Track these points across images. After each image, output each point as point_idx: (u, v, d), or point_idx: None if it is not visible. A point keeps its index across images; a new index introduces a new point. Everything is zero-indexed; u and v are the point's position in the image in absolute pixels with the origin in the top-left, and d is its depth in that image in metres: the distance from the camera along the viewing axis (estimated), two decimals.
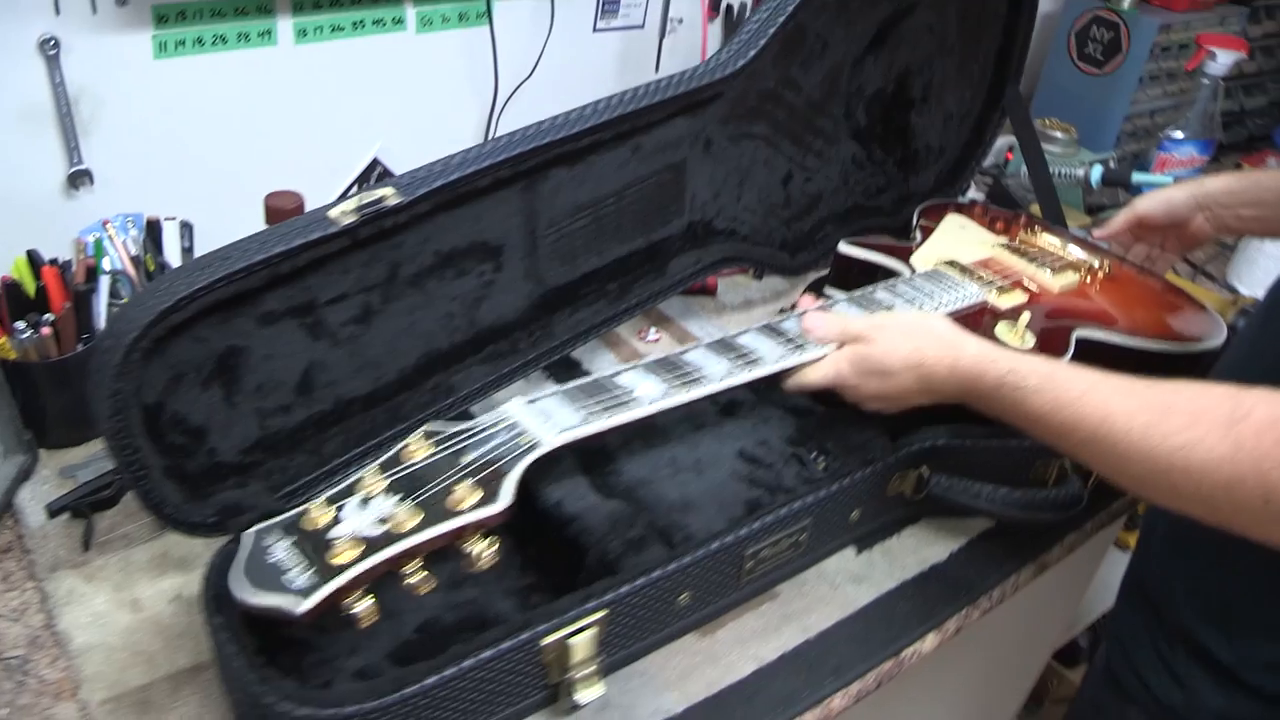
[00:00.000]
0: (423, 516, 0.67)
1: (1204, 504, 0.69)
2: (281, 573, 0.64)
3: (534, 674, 0.79)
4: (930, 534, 1.04)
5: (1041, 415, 0.79)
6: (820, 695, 0.87)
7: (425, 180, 0.82)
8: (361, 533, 0.66)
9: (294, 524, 0.68)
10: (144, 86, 1.03)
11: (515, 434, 0.77)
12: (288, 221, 0.78)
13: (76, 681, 0.81)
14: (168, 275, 0.74)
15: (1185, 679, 0.91)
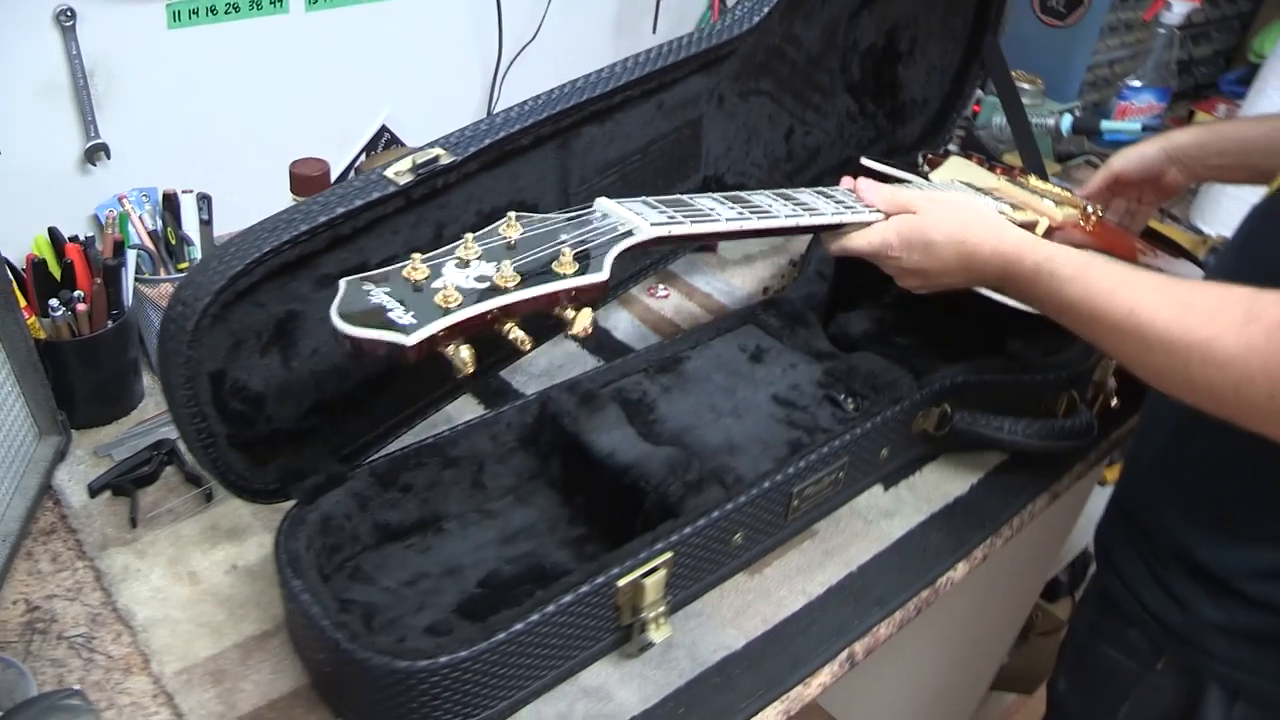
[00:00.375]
0: (522, 278, 0.65)
1: (1215, 397, 0.72)
2: (386, 311, 0.62)
3: (608, 617, 0.81)
4: (950, 469, 1.09)
5: (1073, 303, 0.82)
6: (869, 624, 0.91)
7: (474, 139, 0.83)
8: (463, 286, 0.64)
9: (391, 276, 0.65)
10: (158, 57, 1.02)
11: (610, 221, 0.75)
12: (343, 184, 0.78)
13: (145, 655, 0.81)
14: (232, 241, 0.74)
15: (1181, 596, 0.95)
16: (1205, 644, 0.94)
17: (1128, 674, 1.04)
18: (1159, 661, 0.99)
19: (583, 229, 0.73)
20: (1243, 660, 0.93)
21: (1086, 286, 0.81)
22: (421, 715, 0.74)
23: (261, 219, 0.76)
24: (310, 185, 0.99)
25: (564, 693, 0.82)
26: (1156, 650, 0.99)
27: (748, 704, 0.82)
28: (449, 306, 0.62)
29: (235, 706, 0.78)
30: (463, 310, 0.62)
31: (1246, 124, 1.13)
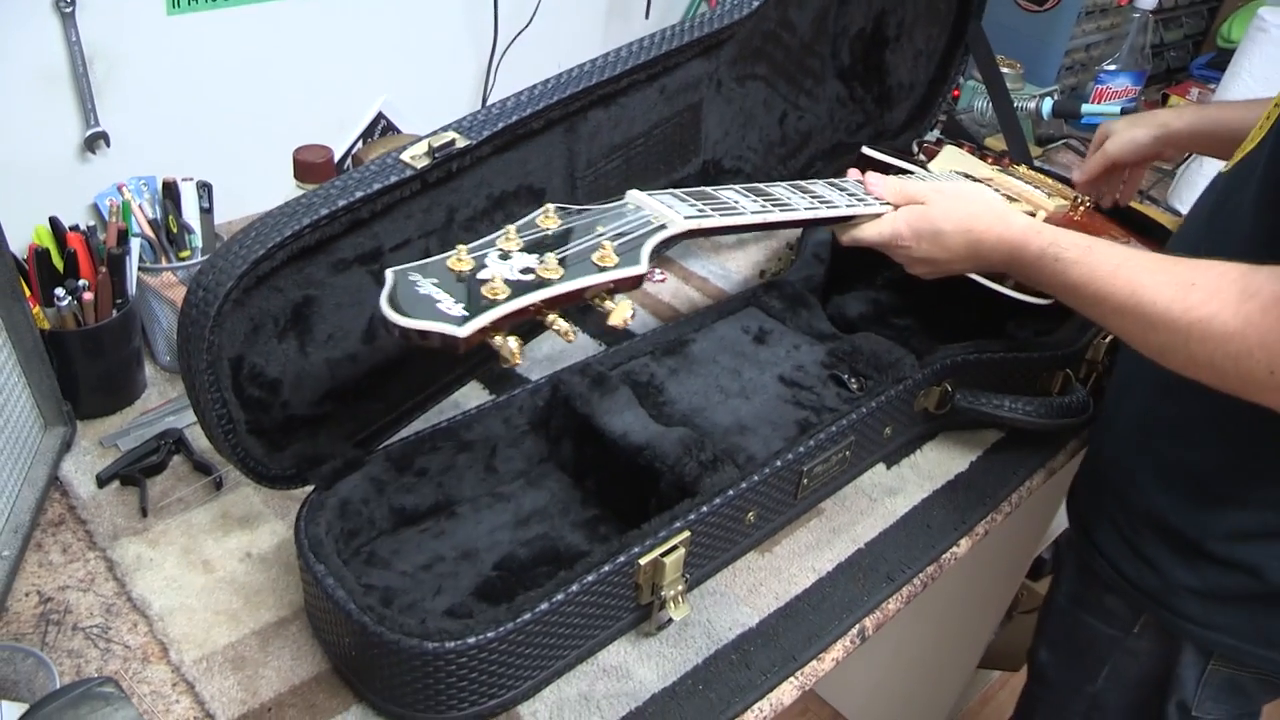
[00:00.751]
0: (565, 270, 0.66)
1: (1216, 372, 0.75)
2: (435, 302, 0.62)
3: (628, 596, 0.82)
4: (949, 447, 1.10)
5: (1078, 285, 0.85)
6: (878, 599, 0.93)
7: (486, 122, 0.83)
8: (509, 277, 0.65)
9: (435, 267, 0.66)
10: (158, 44, 1.01)
11: (644, 215, 0.76)
12: (359, 169, 0.78)
13: (163, 644, 0.81)
14: (252, 226, 0.74)
15: (1155, 560, 0.98)
16: (1179, 606, 0.98)
17: (1106, 640, 1.07)
18: (1136, 625, 1.03)
19: (618, 221, 0.74)
20: (1215, 621, 0.96)
21: (1091, 269, 0.84)
22: (447, 696, 0.74)
23: (272, 206, 0.76)
24: (314, 172, 0.99)
25: (584, 672, 0.82)
26: (1134, 614, 1.02)
27: (765, 680, 0.84)
28: (497, 298, 0.62)
29: (257, 693, 0.78)
30: (512, 301, 0.63)
31: (1240, 109, 1.15)
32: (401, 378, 0.91)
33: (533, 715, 0.79)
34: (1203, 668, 1.00)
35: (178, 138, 1.07)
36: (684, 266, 1.33)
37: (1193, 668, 1.00)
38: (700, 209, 0.80)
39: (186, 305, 0.73)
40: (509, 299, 0.63)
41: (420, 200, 0.84)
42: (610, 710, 0.80)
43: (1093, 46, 1.86)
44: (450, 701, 0.75)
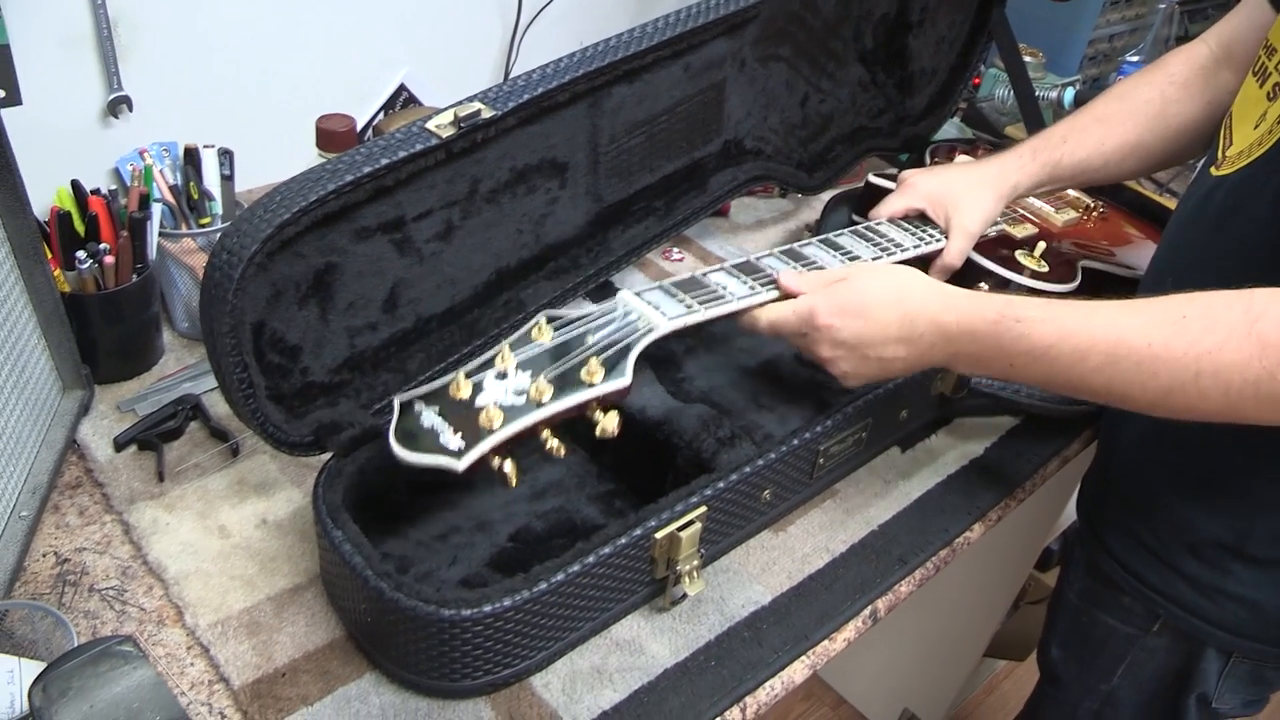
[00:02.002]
0: (555, 389, 0.71)
1: (1230, 404, 0.70)
2: (437, 435, 0.69)
3: (643, 570, 0.82)
4: (964, 433, 1.10)
5: (1049, 346, 0.75)
6: (891, 582, 0.93)
7: (512, 93, 0.83)
8: (503, 402, 0.70)
9: (438, 394, 0.72)
10: (182, 9, 1.01)
11: (631, 319, 0.80)
12: (384, 137, 0.78)
13: (179, 607, 0.81)
14: (277, 190, 0.74)
15: (1174, 563, 0.97)
16: (1200, 609, 0.96)
17: (1123, 638, 1.06)
18: (1155, 625, 1.02)
19: (608, 328, 0.78)
20: (1237, 623, 0.95)
21: (1061, 325, 0.75)
22: (461, 665, 0.74)
23: (295, 173, 0.76)
24: (336, 141, 0.99)
25: (598, 645, 0.83)
26: (1152, 615, 1.01)
27: (776, 657, 0.84)
28: (492, 427, 0.69)
29: (271, 658, 0.79)
30: (505, 429, 0.69)
31: (1079, 147, 1.08)
32: (419, 349, 0.91)
33: (545, 686, 0.79)
34: (1225, 662, 0.99)
35: (200, 104, 1.07)
36: (702, 246, 1.32)
37: (1215, 662, 0.99)
38: (688, 305, 0.84)
39: (210, 268, 0.73)
40: (503, 426, 0.69)
41: (444, 170, 0.83)
42: (622, 683, 0.80)
43: (1116, 37, 1.85)
44: (464, 670, 0.75)
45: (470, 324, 0.94)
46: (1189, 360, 0.70)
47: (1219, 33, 1.06)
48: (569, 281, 1.01)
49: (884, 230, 1.05)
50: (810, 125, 1.26)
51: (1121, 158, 1.06)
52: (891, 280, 0.83)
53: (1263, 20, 0.98)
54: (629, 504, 0.92)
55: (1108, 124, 1.06)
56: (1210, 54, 1.05)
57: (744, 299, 0.87)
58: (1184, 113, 1.05)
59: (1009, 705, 2.14)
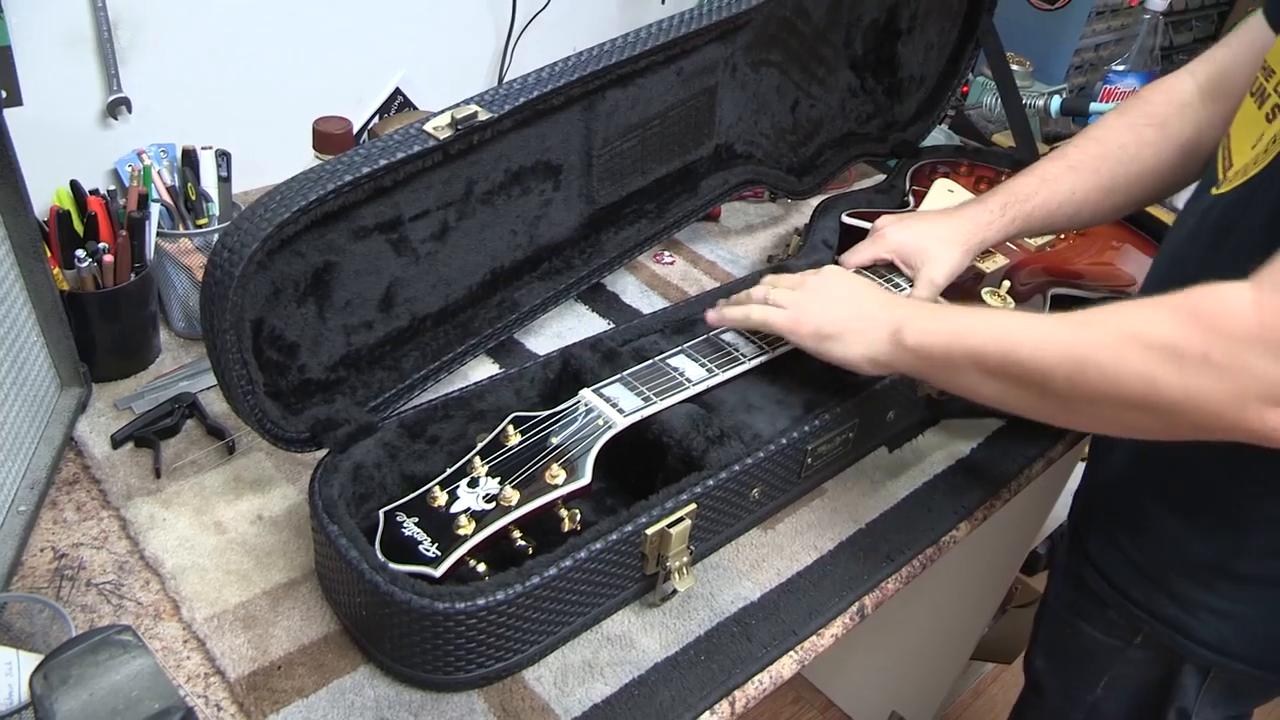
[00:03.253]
0: (522, 494, 0.79)
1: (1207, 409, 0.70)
2: (417, 544, 0.76)
3: (634, 565, 0.83)
4: (950, 434, 1.12)
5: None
6: (878, 579, 0.94)
7: (508, 96, 0.84)
8: (474, 509, 0.78)
9: (417, 504, 0.79)
10: (182, 12, 1.02)
11: (591, 417, 0.87)
12: (383, 138, 0.79)
13: (175, 601, 0.82)
14: (277, 189, 0.75)
15: (1159, 579, 0.97)
16: (1182, 625, 0.97)
17: (1106, 650, 1.07)
18: (1137, 637, 1.02)
19: (571, 427, 0.85)
20: (1220, 640, 0.95)
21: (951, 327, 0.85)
22: (455, 658, 0.76)
23: (292, 175, 0.77)
24: (333, 143, 1.00)
25: (589, 640, 0.84)
26: (1134, 628, 1.02)
27: (765, 652, 0.85)
28: (466, 534, 0.76)
29: (267, 651, 0.80)
30: (476, 536, 0.76)
31: (1050, 199, 1.08)
32: (414, 347, 0.92)
33: (537, 680, 0.80)
34: (1203, 677, 1.00)
35: (198, 106, 1.08)
36: (693, 250, 1.34)
37: (1194, 676, 1.00)
38: (646, 397, 0.90)
39: (211, 266, 0.74)
40: (475, 533, 0.76)
41: (441, 171, 0.85)
42: (613, 677, 0.81)
43: (1102, 46, 1.88)
44: (458, 663, 0.76)
45: (464, 323, 0.95)
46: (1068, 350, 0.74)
47: (1206, 68, 1.05)
48: (562, 283, 1.02)
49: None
50: (800, 130, 1.28)
51: (1094, 205, 1.07)
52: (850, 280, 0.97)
53: (1259, 42, 0.98)
54: (620, 502, 0.93)
55: (1079, 172, 1.07)
56: (1195, 89, 1.04)
57: (701, 383, 0.94)
58: (1159, 155, 1.05)
59: (996, 709, 2.16)
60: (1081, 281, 1.22)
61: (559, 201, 0.97)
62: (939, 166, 1.44)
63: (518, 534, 0.79)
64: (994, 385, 0.80)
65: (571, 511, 0.82)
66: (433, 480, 0.80)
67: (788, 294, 0.96)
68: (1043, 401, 0.78)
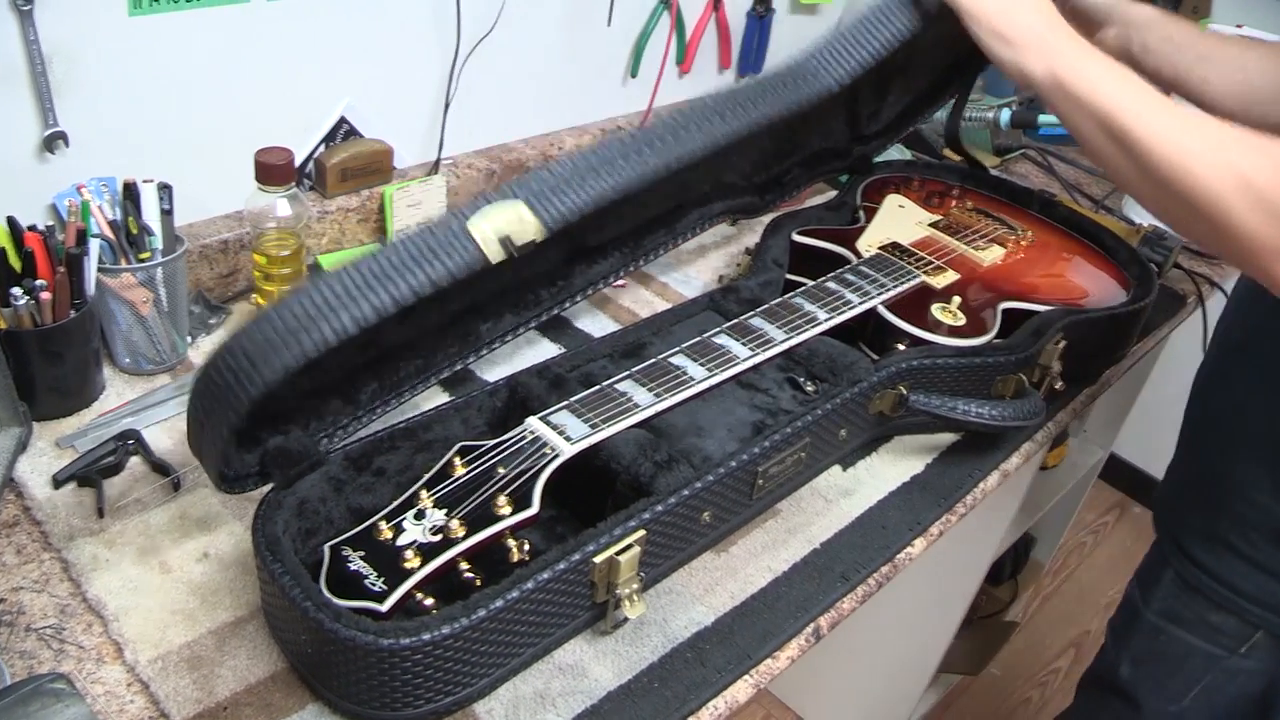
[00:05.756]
0: (469, 526, 0.78)
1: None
2: (363, 579, 0.75)
3: (583, 594, 0.83)
4: (905, 450, 1.12)
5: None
6: (833, 599, 0.94)
7: (560, 219, 0.83)
8: (421, 542, 0.77)
9: (364, 538, 0.78)
10: (119, 44, 1.00)
11: (538, 446, 0.86)
12: (421, 239, 0.77)
13: (118, 644, 0.81)
14: (302, 298, 0.73)
15: (1272, 566, 0.97)
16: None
17: (1204, 658, 1.06)
18: (1244, 645, 1.01)
19: (518, 457, 0.85)
20: None
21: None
22: (403, 694, 0.75)
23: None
24: (275, 174, 1.00)
25: (541, 670, 0.83)
26: (1248, 632, 1.01)
27: (720, 677, 0.85)
28: (412, 568, 0.75)
29: (213, 692, 0.78)
30: (423, 569, 0.75)
31: (1195, 32, 1.13)
32: (373, 378, 0.91)
33: (489, 714, 0.79)
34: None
35: (138, 139, 1.07)
36: (644, 272, 1.34)
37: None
38: (594, 424, 0.90)
39: (217, 375, 0.74)
40: (421, 566, 0.75)
41: None
42: (566, 708, 0.80)
43: None
44: (406, 699, 0.75)
45: (427, 355, 0.94)
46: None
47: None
48: (529, 315, 1.02)
49: (796, 304, 1.09)
50: (780, 153, 1.28)
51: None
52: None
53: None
54: (570, 530, 0.92)
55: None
56: None
57: (649, 407, 0.93)
58: None
59: None
60: (1033, 295, 1.23)
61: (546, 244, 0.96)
62: (890, 181, 1.45)
63: (466, 566, 0.79)
64: (1107, 145, 0.84)
65: (520, 542, 0.81)
66: (379, 513, 0.79)
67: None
68: (1141, 180, 0.82)
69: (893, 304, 1.14)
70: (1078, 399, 1.27)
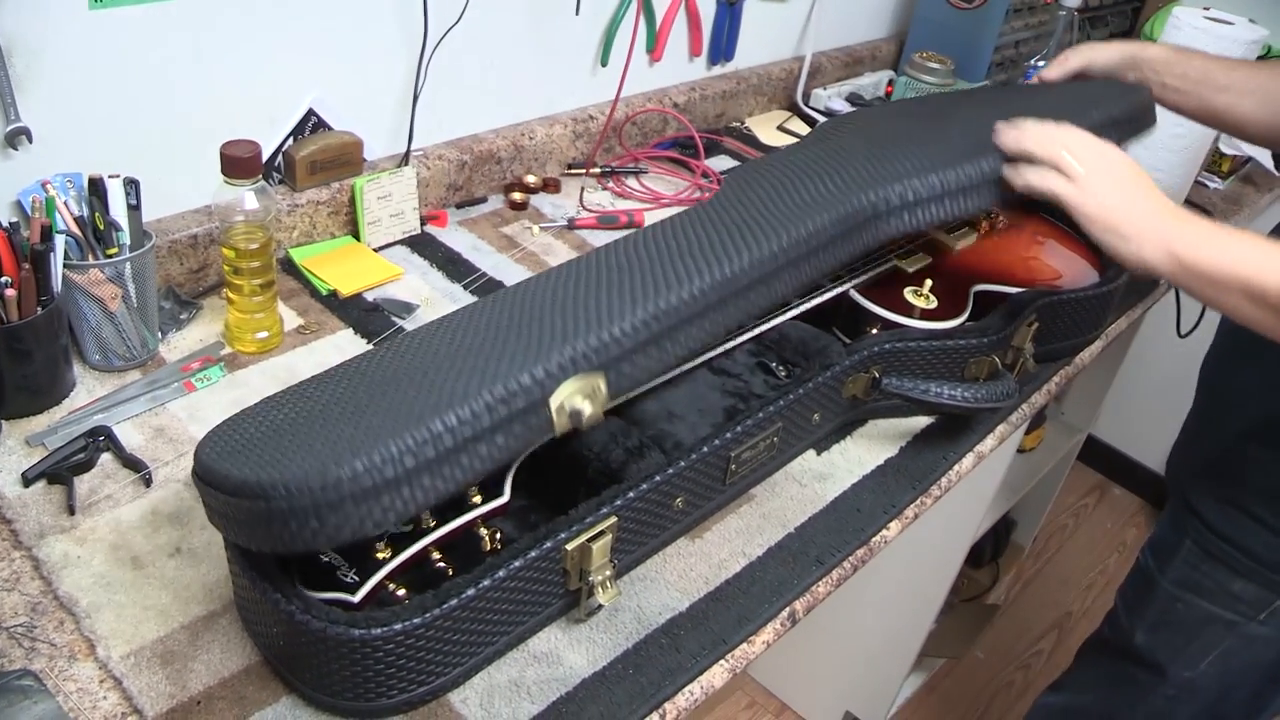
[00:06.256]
0: (439, 516, 0.78)
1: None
2: (334, 570, 0.76)
3: (556, 582, 0.83)
4: (879, 433, 1.13)
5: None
6: (808, 583, 0.94)
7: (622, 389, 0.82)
8: (392, 532, 0.77)
9: None
10: (81, 38, 1.00)
11: None
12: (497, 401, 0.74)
13: (91, 641, 0.81)
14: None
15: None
16: None
17: (1222, 625, 1.07)
18: (1263, 612, 1.04)
19: None
20: None
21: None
22: (376, 685, 0.75)
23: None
24: (241, 167, 0.99)
25: (515, 659, 0.83)
26: (1265, 598, 1.03)
27: (695, 663, 0.85)
28: (384, 558, 0.75)
29: (186, 686, 0.78)
30: (395, 559, 0.75)
31: (1210, 59, 1.18)
32: None
33: (463, 703, 0.79)
34: None
35: (105, 134, 1.06)
36: None
37: None
38: None
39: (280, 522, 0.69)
40: (393, 556, 0.75)
41: None
42: (541, 695, 0.81)
43: (1022, 43, 1.90)
44: (379, 690, 0.75)
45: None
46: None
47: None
48: None
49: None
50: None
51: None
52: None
53: None
54: (544, 518, 0.92)
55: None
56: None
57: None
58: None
59: (950, 704, 2.17)
60: (1006, 278, 1.23)
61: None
62: None
63: (437, 555, 0.79)
64: (1255, 311, 0.87)
65: (492, 530, 0.82)
66: None
67: (1075, 165, 0.96)
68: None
69: (865, 287, 1.14)
70: (1052, 380, 1.28)
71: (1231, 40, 1.42)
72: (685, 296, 0.84)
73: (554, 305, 0.83)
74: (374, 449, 0.68)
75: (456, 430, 0.71)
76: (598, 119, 1.57)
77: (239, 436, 0.75)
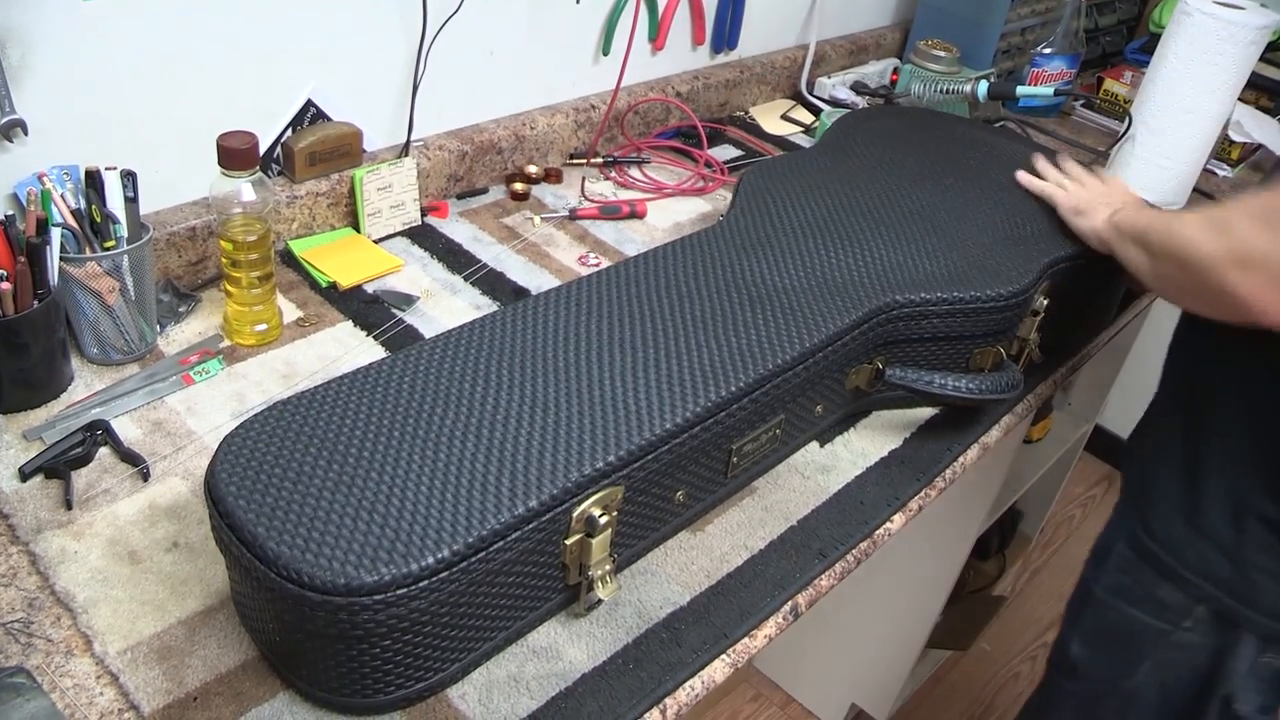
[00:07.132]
0: None
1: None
2: None
3: (555, 576, 0.82)
4: (882, 425, 1.12)
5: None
6: (811, 576, 0.93)
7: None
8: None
9: None
10: (76, 29, 0.99)
11: None
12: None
13: (87, 636, 0.80)
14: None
15: (1226, 545, 0.99)
16: (1248, 594, 0.98)
17: (1152, 634, 1.07)
18: (1188, 619, 1.03)
19: None
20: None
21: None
22: (375, 679, 0.74)
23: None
24: (238, 159, 0.98)
25: (514, 654, 0.83)
26: (1189, 605, 1.03)
27: (696, 657, 0.84)
28: None
29: (183, 682, 0.78)
30: None
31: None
32: None
33: (462, 698, 0.79)
34: (1253, 660, 1.01)
35: (101, 125, 1.05)
36: (619, 251, 1.33)
37: (1245, 660, 1.01)
38: None
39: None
40: None
41: None
42: (540, 691, 0.80)
43: (1028, 30, 1.88)
44: (376, 685, 0.74)
45: None
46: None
47: None
48: None
49: None
50: None
51: None
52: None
53: None
54: None
55: None
56: None
57: None
58: None
59: (956, 696, 2.16)
60: None
61: None
62: None
63: None
64: (1143, 258, 1.03)
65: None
66: None
67: (1079, 187, 1.22)
68: (1181, 273, 0.94)
69: None
70: (1058, 371, 1.27)
71: (1241, 25, 1.40)
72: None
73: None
74: (406, 562, 0.71)
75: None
76: (599, 108, 1.55)
77: (263, 464, 0.77)
